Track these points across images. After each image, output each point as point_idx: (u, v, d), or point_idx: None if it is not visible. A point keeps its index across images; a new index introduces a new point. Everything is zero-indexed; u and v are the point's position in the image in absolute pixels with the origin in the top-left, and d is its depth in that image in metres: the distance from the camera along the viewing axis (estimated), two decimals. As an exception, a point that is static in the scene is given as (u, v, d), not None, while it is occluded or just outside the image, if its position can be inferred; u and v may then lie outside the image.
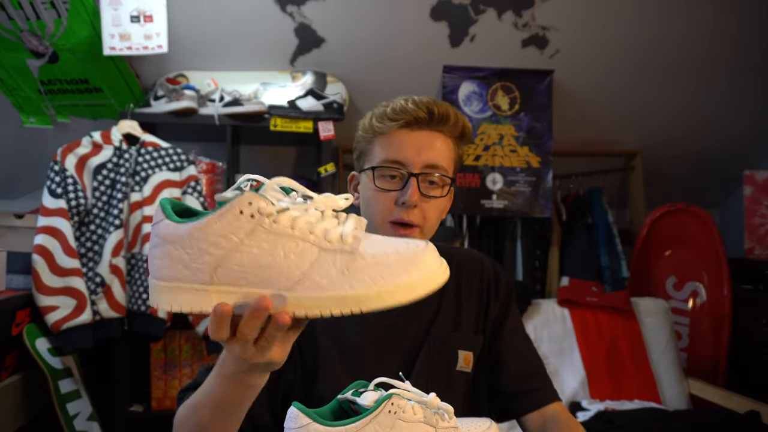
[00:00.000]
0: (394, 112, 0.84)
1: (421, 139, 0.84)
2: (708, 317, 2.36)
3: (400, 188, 0.83)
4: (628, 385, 2.01)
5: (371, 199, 0.86)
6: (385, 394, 0.63)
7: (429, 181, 0.84)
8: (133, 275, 1.84)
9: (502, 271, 0.97)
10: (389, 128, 0.84)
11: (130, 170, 1.86)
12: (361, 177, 0.90)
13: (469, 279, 0.93)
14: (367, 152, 0.88)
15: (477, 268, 0.95)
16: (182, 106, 2.01)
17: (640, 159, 2.62)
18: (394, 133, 0.84)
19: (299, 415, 0.60)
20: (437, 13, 2.14)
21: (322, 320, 0.84)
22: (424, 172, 0.83)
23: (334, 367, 0.83)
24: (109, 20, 1.93)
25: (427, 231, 0.86)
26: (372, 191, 0.85)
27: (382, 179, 0.85)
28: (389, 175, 0.84)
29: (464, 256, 0.97)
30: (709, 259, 2.39)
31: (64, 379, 1.74)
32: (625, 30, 2.23)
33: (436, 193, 0.85)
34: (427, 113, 0.83)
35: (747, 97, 2.46)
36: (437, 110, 0.84)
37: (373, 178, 0.85)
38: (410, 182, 0.82)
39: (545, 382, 0.89)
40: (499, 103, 2.30)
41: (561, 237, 2.45)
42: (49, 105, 2.19)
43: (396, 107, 0.84)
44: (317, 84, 2.22)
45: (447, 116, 0.84)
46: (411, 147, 0.83)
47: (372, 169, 0.85)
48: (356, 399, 0.63)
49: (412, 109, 0.83)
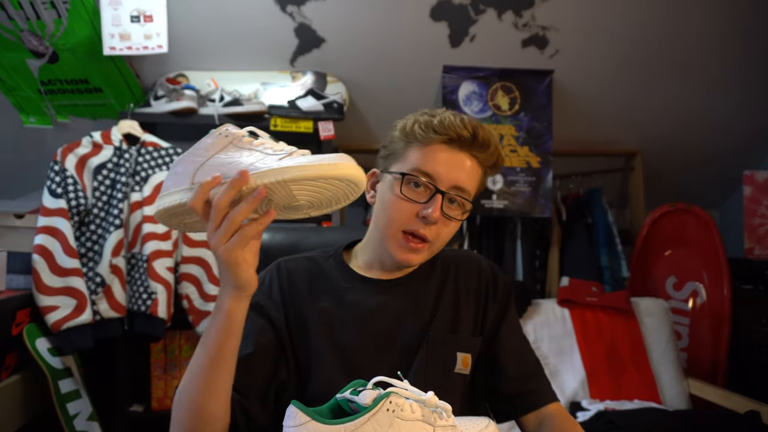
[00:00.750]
0: (442, 125, 0.82)
1: (457, 159, 0.83)
2: (708, 317, 2.36)
3: (424, 201, 0.82)
4: (628, 385, 2.01)
5: (391, 204, 0.84)
6: (383, 393, 0.63)
7: (451, 200, 0.84)
8: (133, 275, 1.84)
9: (500, 272, 0.97)
10: (431, 140, 0.83)
11: (130, 170, 1.86)
12: (385, 177, 0.88)
13: (467, 281, 0.93)
14: (399, 155, 0.87)
15: (475, 269, 0.95)
16: (182, 106, 2.01)
17: (640, 159, 2.62)
18: (433, 145, 0.83)
19: (298, 413, 0.60)
20: (437, 13, 2.14)
21: (316, 321, 0.85)
22: (451, 192, 0.83)
23: (329, 369, 0.83)
24: (109, 20, 1.93)
25: (435, 249, 0.86)
26: (395, 196, 0.84)
27: (408, 188, 0.83)
28: (417, 184, 0.83)
29: (462, 258, 0.97)
30: (709, 259, 2.39)
31: (64, 379, 1.74)
32: (625, 30, 2.23)
33: (455, 215, 0.84)
34: (471, 135, 0.83)
35: (747, 97, 2.46)
36: (482, 135, 0.83)
37: (400, 184, 0.83)
38: (435, 198, 0.81)
39: (543, 384, 0.90)
40: (499, 103, 2.30)
41: (561, 237, 2.45)
42: (49, 105, 2.19)
43: (444, 121, 0.83)
44: (317, 84, 2.22)
45: (488, 143, 0.84)
46: (446, 164, 0.82)
47: (402, 174, 0.84)
48: (354, 398, 0.63)
49: (459, 127, 0.82)
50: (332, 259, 0.94)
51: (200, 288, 1.92)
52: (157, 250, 1.82)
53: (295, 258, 0.95)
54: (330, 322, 0.86)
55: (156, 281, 1.81)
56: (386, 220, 0.85)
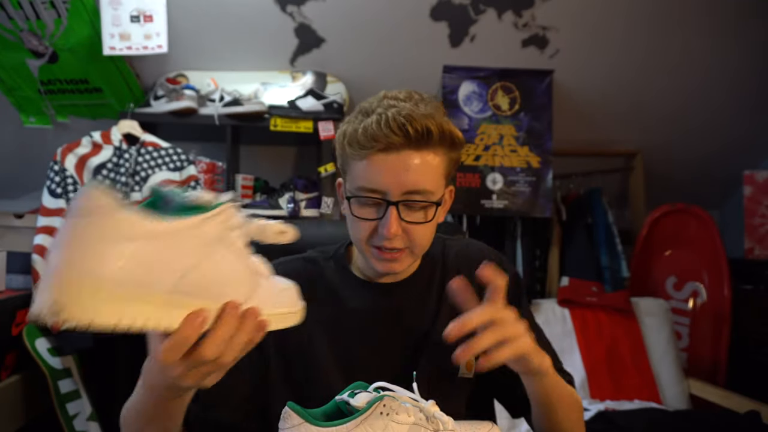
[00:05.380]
0: (367, 138, 0.72)
1: (400, 163, 0.73)
2: (708, 317, 2.36)
3: (379, 217, 0.75)
4: (628, 385, 2.01)
5: (351, 223, 0.80)
6: (376, 396, 0.62)
7: (410, 206, 0.75)
8: (133, 275, 1.84)
9: (506, 262, 0.92)
10: (365, 153, 0.73)
11: (130, 170, 1.86)
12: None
13: (470, 274, 0.87)
14: (345, 168, 0.80)
15: (478, 260, 0.87)
16: (182, 106, 2.01)
17: (640, 159, 2.62)
18: (371, 157, 0.73)
19: (292, 415, 0.60)
20: (437, 13, 2.14)
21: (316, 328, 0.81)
22: (405, 200, 0.74)
23: (329, 377, 0.80)
24: (109, 20, 1.93)
25: (418, 251, 0.80)
26: (351, 217, 0.79)
27: (359, 208, 0.77)
28: (367, 203, 0.76)
29: (464, 248, 0.92)
30: (709, 259, 2.39)
31: (64, 379, 1.74)
32: (625, 30, 2.23)
33: (419, 218, 0.76)
34: (403, 137, 0.71)
35: (747, 97, 2.46)
36: (415, 130, 0.71)
37: (350, 206, 0.78)
38: (389, 212, 0.74)
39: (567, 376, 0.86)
40: (499, 103, 2.30)
41: (561, 237, 2.45)
42: (49, 105, 2.19)
43: (368, 131, 0.72)
44: (317, 84, 2.22)
45: (428, 133, 0.72)
46: (389, 173, 0.73)
47: (348, 198, 0.78)
48: (350, 400, 0.63)
49: (385, 135, 0.71)
50: (332, 261, 0.90)
51: (200, 288, 1.91)
52: (157, 250, 1.82)
53: (293, 259, 0.90)
54: (330, 330, 0.83)
55: (156, 281, 1.81)
56: (354, 238, 0.81)
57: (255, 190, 2.22)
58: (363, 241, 0.78)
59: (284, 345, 0.82)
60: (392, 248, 0.76)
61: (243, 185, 2.18)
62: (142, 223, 0.42)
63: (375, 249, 0.78)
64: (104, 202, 0.40)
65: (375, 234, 0.76)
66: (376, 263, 0.79)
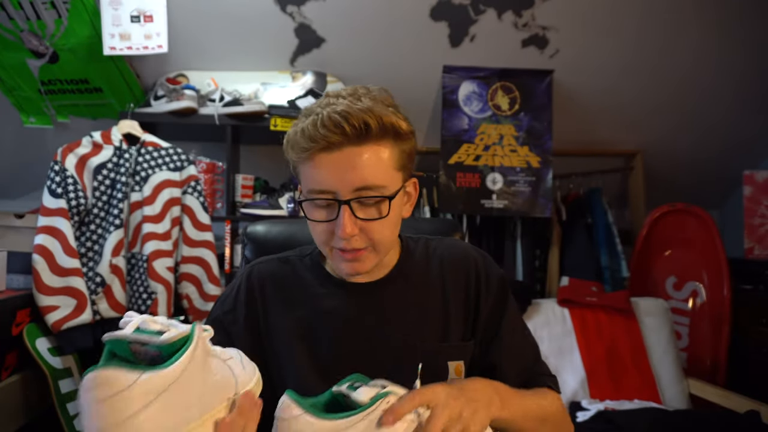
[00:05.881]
0: (305, 138, 0.72)
1: (344, 161, 0.71)
2: (708, 317, 2.36)
3: (333, 218, 0.74)
4: (628, 384, 2.01)
5: (310, 227, 0.78)
6: (381, 392, 0.61)
7: (362, 203, 0.74)
8: (133, 275, 1.84)
9: (492, 263, 0.89)
10: (309, 156, 0.72)
11: (131, 170, 1.86)
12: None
13: (455, 277, 0.86)
14: (296, 173, 0.78)
15: (462, 262, 0.87)
16: (182, 106, 2.01)
17: (640, 159, 2.62)
18: (314, 158, 0.72)
19: (291, 405, 0.57)
20: (437, 13, 2.14)
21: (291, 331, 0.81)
22: (356, 197, 0.72)
23: (306, 381, 0.78)
24: (109, 20, 1.93)
25: (380, 248, 0.77)
26: (308, 221, 0.78)
27: (312, 211, 0.76)
28: (320, 205, 0.75)
29: (448, 250, 0.89)
30: (709, 259, 2.39)
31: (64, 379, 1.74)
32: (625, 30, 2.23)
33: (373, 215, 0.74)
34: (340, 134, 0.70)
35: (747, 97, 2.46)
36: (351, 126, 0.70)
37: (304, 210, 0.77)
38: (341, 212, 0.72)
39: (544, 380, 0.86)
40: (499, 103, 2.30)
41: (561, 237, 2.45)
42: (49, 105, 2.19)
43: (306, 132, 0.71)
44: (317, 84, 2.22)
45: (366, 127, 0.70)
46: (335, 172, 0.72)
47: (299, 203, 0.77)
48: (351, 393, 0.60)
49: (323, 135, 0.70)
50: (308, 259, 0.88)
51: (200, 288, 1.92)
52: (157, 249, 1.83)
53: (269, 260, 0.90)
54: (305, 333, 0.81)
55: (156, 281, 1.81)
56: (316, 242, 0.80)
57: (255, 190, 2.23)
58: (324, 245, 0.78)
59: (261, 346, 0.82)
60: (352, 248, 0.75)
61: (243, 185, 2.18)
62: (145, 392, 0.48)
63: (337, 251, 0.77)
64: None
65: (332, 236, 0.75)
66: (340, 265, 0.78)
